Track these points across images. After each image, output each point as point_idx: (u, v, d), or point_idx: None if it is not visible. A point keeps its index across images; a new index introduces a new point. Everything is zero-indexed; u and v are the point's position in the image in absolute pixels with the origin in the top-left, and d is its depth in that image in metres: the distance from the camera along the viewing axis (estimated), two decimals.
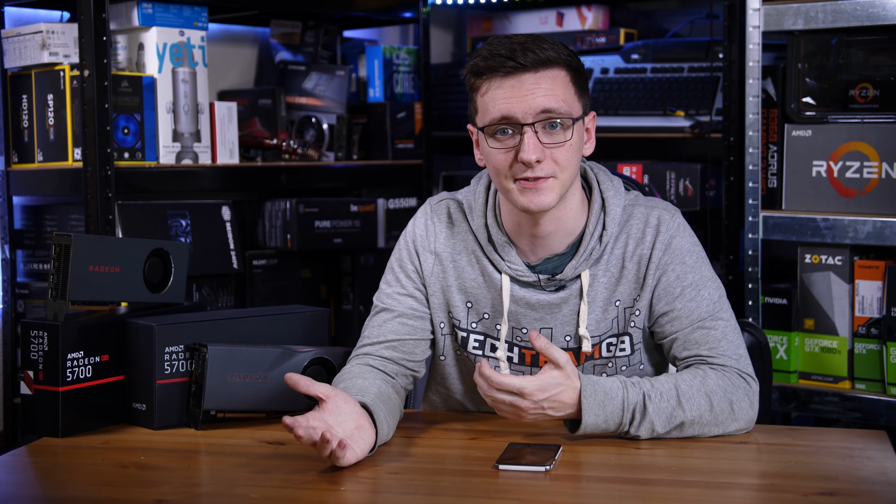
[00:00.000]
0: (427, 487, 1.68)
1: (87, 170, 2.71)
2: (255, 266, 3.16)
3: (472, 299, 2.01)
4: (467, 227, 2.03)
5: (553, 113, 1.87)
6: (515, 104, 1.86)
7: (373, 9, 3.50)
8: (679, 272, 1.95)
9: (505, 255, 1.97)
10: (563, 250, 1.97)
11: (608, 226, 1.96)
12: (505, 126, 1.88)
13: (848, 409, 2.80)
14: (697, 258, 1.98)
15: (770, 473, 1.73)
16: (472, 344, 2.02)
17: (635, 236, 1.97)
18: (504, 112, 1.87)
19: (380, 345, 2.02)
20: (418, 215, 2.07)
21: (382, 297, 2.06)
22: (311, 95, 3.40)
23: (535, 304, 1.97)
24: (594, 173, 2.01)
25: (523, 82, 1.87)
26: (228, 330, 2.07)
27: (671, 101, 3.22)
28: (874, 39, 2.80)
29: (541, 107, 1.86)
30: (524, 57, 1.86)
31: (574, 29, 3.59)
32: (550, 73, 1.88)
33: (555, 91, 1.87)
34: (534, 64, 1.86)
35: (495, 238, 1.98)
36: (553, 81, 1.88)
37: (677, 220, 1.99)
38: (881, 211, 2.75)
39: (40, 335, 1.95)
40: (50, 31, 2.77)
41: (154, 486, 1.70)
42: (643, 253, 1.96)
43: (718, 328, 1.94)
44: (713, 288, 1.97)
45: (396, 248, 2.07)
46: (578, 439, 1.86)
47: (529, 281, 1.97)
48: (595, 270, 1.96)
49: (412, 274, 2.04)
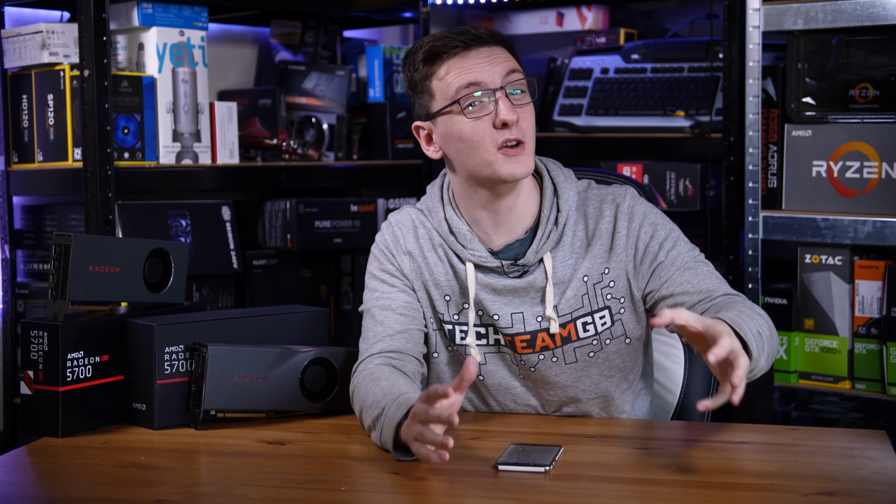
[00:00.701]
0: (427, 487, 1.68)
1: (87, 170, 2.71)
2: (255, 266, 3.16)
3: (448, 292, 2.04)
4: (430, 225, 2.07)
5: (517, 74, 1.95)
6: (481, 71, 1.93)
7: (373, 9, 3.50)
8: (651, 233, 2.01)
9: (466, 244, 2.01)
10: (523, 235, 2.01)
11: (562, 208, 2.01)
12: (474, 96, 1.92)
13: (848, 409, 2.80)
14: (662, 218, 2.04)
15: (770, 473, 1.73)
16: (458, 335, 2.04)
17: (594, 215, 2.02)
18: (471, 79, 1.93)
19: (390, 338, 2.01)
20: (383, 227, 2.11)
21: (372, 300, 2.07)
22: (311, 95, 3.40)
23: (500, 290, 2.00)
24: (543, 163, 2.07)
25: (481, 53, 1.95)
26: (228, 330, 2.07)
27: (671, 101, 3.22)
28: (874, 39, 2.80)
29: (505, 70, 1.94)
30: (476, 31, 1.96)
31: (574, 29, 3.59)
32: (500, 47, 1.98)
33: (510, 58, 1.97)
34: (488, 36, 1.96)
35: (456, 228, 2.02)
36: (505, 53, 1.98)
37: (630, 192, 2.04)
38: (881, 211, 2.75)
39: (40, 335, 1.95)
40: (50, 31, 2.77)
41: (154, 486, 1.70)
42: (605, 227, 2.01)
43: (704, 269, 1.99)
44: (686, 241, 2.03)
45: (372, 258, 2.10)
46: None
47: (493, 267, 2.00)
48: (556, 253, 2.00)
49: (396, 273, 2.06)
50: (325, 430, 2.01)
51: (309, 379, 2.07)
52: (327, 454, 1.88)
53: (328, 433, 1.99)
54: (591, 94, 3.35)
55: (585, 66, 3.41)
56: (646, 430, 1.98)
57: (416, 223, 2.08)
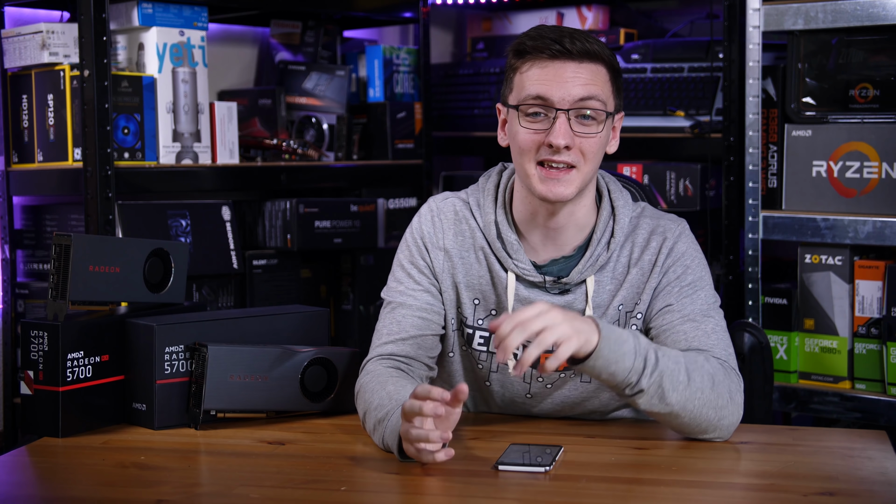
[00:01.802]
0: (427, 487, 1.68)
1: (87, 170, 2.71)
2: (255, 266, 3.16)
3: (479, 296, 2.01)
4: (475, 224, 2.02)
5: (590, 101, 1.89)
6: (554, 88, 1.88)
7: (373, 9, 3.50)
8: (679, 273, 1.96)
9: (513, 253, 1.98)
10: (571, 252, 1.98)
11: (616, 233, 1.97)
12: (539, 108, 1.89)
13: (848, 409, 2.80)
14: (699, 264, 1.99)
15: (770, 473, 1.73)
16: (477, 340, 2.02)
17: (640, 244, 1.98)
18: (541, 92, 1.88)
19: (402, 342, 2.00)
20: (423, 212, 2.06)
21: (395, 293, 2.03)
22: (311, 95, 3.40)
23: None
24: (605, 181, 2.03)
25: (565, 68, 1.89)
26: (228, 330, 2.07)
27: (671, 101, 3.22)
28: (874, 39, 2.80)
29: (579, 95, 1.88)
30: (571, 44, 1.88)
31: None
32: (593, 66, 1.90)
33: (595, 82, 1.90)
34: (580, 53, 1.88)
35: (505, 235, 1.98)
36: (594, 74, 1.90)
37: (681, 227, 2.00)
38: (881, 211, 2.75)
39: (40, 335, 1.95)
40: (50, 31, 2.77)
41: (154, 486, 1.70)
42: (648, 259, 1.97)
43: (709, 325, 1.93)
44: (710, 293, 1.97)
45: (403, 244, 2.06)
46: (582, 377, 1.81)
47: (535, 281, 1.97)
48: (600, 277, 1.97)
49: (424, 269, 2.03)
50: (325, 430, 2.01)
51: (309, 379, 2.07)
52: (327, 454, 1.88)
53: (328, 433, 1.99)
54: None
55: None
56: (646, 431, 1.98)
57: (461, 217, 2.04)
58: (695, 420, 1.83)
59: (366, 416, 1.89)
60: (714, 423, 1.84)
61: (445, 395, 1.69)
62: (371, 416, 1.87)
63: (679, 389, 1.80)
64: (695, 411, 1.82)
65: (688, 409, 1.82)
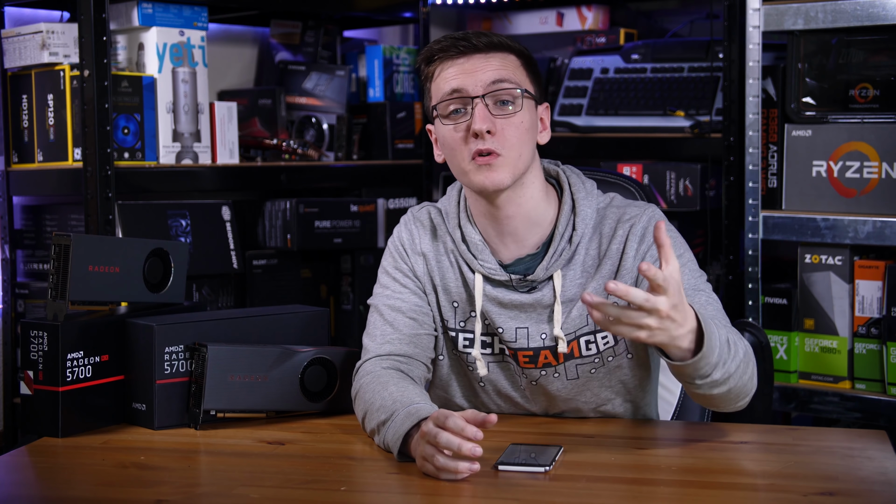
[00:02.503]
0: (427, 487, 1.68)
1: (87, 170, 2.71)
2: (255, 266, 3.16)
3: (456, 299, 2.03)
4: (445, 229, 2.05)
5: (503, 83, 1.91)
6: (466, 79, 1.92)
7: (373, 9, 3.50)
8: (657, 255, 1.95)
9: (478, 254, 1.99)
10: (535, 250, 1.98)
11: (578, 226, 1.97)
12: (457, 103, 1.92)
13: (848, 409, 2.80)
14: (675, 241, 1.97)
15: (770, 473, 1.73)
16: (462, 343, 2.03)
17: (607, 234, 1.98)
18: (454, 86, 1.92)
19: (399, 341, 2.00)
20: (401, 223, 2.10)
21: (383, 298, 2.04)
22: (311, 95, 3.40)
23: (507, 304, 1.98)
24: (566, 175, 2.03)
25: (474, 60, 1.93)
26: (228, 330, 2.07)
27: (671, 101, 3.22)
28: (874, 39, 2.80)
29: (490, 79, 1.91)
30: (476, 39, 1.94)
31: (574, 29, 3.59)
32: (500, 54, 1.95)
33: (505, 67, 1.94)
34: (486, 45, 1.94)
35: (469, 237, 2.00)
36: (503, 60, 1.95)
37: (649, 212, 1.98)
38: (881, 211, 2.75)
39: (40, 335, 1.95)
40: (50, 31, 2.77)
41: (154, 486, 1.70)
42: (616, 248, 1.97)
43: (702, 298, 1.92)
44: (693, 268, 1.97)
45: (386, 253, 2.09)
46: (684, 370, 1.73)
47: (502, 280, 1.98)
48: (566, 271, 1.97)
49: (409, 273, 2.04)
50: (325, 430, 2.01)
51: (309, 379, 2.07)
52: (327, 454, 1.88)
53: (328, 433, 1.99)
54: (591, 94, 3.35)
55: (585, 66, 3.41)
56: (646, 430, 1.98)
57: (435, 223, 2.06)
58: (732, 394, 1.80)
59: (366, 416, 1.89)
60: (743, 397, 1.84)
61: (479, 433, 1.68)
62: (373, 417, 1.86)
63: (737, 375, 1.78)
64: (739, 389, 1.81)
65: (734, 390, 1.80)
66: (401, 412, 1.80)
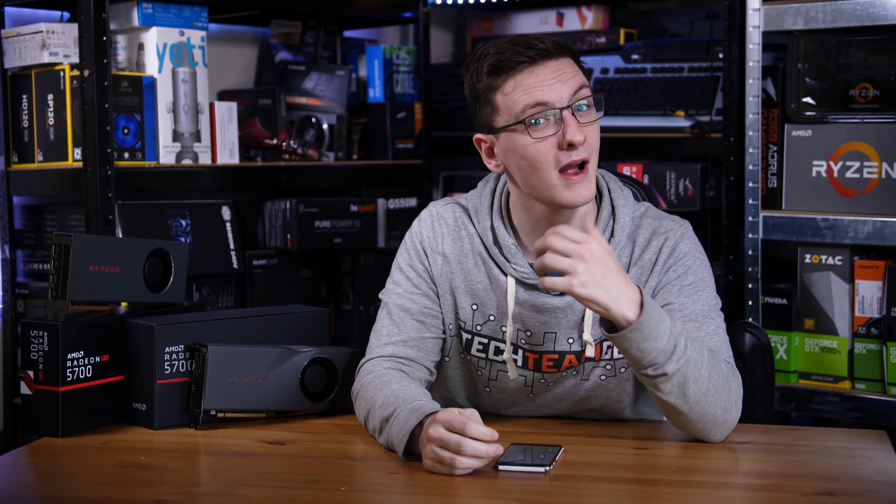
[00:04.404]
0: (427, 487, 1.68)
1: (87, 170, 2.71)
2: (255, 266, 3.16)
3: (477, 301, 2.01)
4: (473, 230, 2.02)
5: (582, 90, 1.89)
6: (549, 90, 1.87)
7: (373, 9, 3.50)
8: (681, 273, 1.95)
9: (511, 258, 1.97)
10: None
11: (616, 233, 1.96)
12: (539, 115, 1.86)
13: (848, 409, 2.80)
14: (700, 265, 1.97)
15: (770, 473, 1.73)
16: (476, 346, 2.02)
17: (641, 244, 1.97)
18: (539, 99, 1.87)
19: (402, 343, 1.99)
20: (423, 217, 2.06)
21: (394, 296, 2.03)
22: (311, 95, 3.40)
23: (539, 307, 1.96)
24: (605, 181, 2.01)
25: (549, 68, 1.88)
26: (228, 330, 2.07)
27: (671, 101, 3.22)
28: (874, 39, 2.80)
29: (572, 88, 1.88)
30: (543, 43, 1.88)
31: (574, 29, 3.58)
32: (565, 58, 1.91)
33: (576, 71, 1.91)
34: (555, 48, 1.89)
35: (502, 240, 1.98)
36: (571, 65, 1.91)
37: (683, 228, 1.99)
38: (881, 211, 2.75)
39: (40, 335, 1.95)
40: (50, 31, 2.77)
41: (154, 486, 1.70)
42: (648, 258, 1.96)
43: (711, 326, 1.92)
44: (711, 295, 1.96)
45: (403, 248, 2.06)
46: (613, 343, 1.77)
47: (535, 284, 1.96)
48: None
49: (423, 274, 2.02)
50: (325, 430, 2.01)
51: (309, 379, 2.07)
52: (327, 454, 1.88)
53: (328, 433, 1.99)
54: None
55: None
56: (646, 430, 1.98)
57: (460, 223, 2.03)
58: (703, 417, 1.81)
59: (369, 414, 1.89)
60: (718, 424, 1.83)
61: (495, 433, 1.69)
62: (376, 414, 1.86)
63: (699, 382, 1.78)
64: (706, 408, 1.80)
65: (701, 404, 1.79)
66: (404, 408, 1.80)
